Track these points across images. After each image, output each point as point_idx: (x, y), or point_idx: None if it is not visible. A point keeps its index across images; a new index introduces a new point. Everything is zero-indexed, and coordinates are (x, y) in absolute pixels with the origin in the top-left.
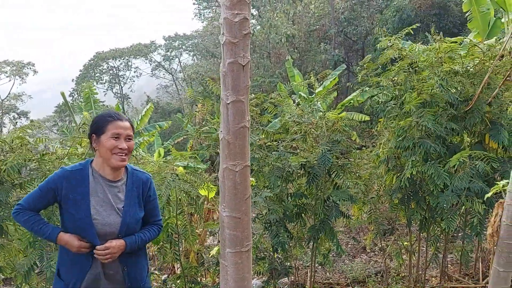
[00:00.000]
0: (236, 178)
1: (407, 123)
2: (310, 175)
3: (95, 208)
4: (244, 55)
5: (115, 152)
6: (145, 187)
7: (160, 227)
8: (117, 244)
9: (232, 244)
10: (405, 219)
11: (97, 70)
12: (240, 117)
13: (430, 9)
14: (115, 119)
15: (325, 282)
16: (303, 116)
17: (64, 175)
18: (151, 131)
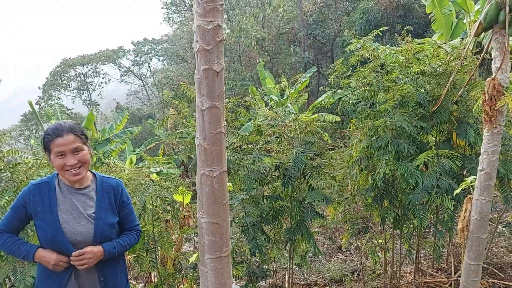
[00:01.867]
0: (213, 184)
1: (381, 123)
2: (285, 177)
3: (63, 218)
4: (218, 61)
5: (65, 169)
6: (116, 192)
7: (138, 232)
8: (93, 250)
9: (212, 250)
10: (378, 217)
11: (64, 77)
12: (216, 123)
13: (396, 11)
14: (54, 137)
15: (303, 283)
16: (277, 118)
17: (31, 189)
18: (122, 137)
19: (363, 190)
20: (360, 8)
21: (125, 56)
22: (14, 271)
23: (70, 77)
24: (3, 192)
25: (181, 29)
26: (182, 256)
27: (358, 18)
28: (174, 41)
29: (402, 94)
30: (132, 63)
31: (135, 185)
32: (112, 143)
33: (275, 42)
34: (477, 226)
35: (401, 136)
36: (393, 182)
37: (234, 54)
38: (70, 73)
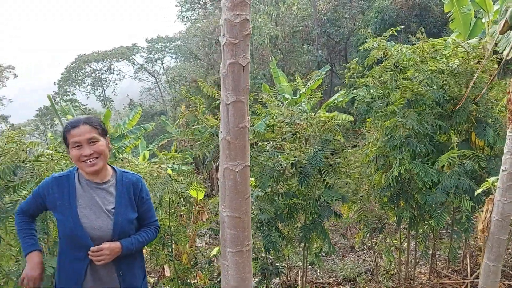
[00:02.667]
0: (236, 178)
1: (391, 123)
2: (302, 175)
3: (82, 212)
4: (244, 55)
5: (81, 160)
6: (136, 188)
7: (157, 228)
8: (111, 246)
9: (233, 244)
10: (394, 217)
11: (79, 73)
12: (240, 117)
13: (411, 10)
14: (70, 128)
15: (315, 281)
16: (293, 116)
17: (51, 181)
18: (136, 133)
19: (378, 189)
20: (375, 7)
21: (138, 53)
22: None
23: (85, 73)
24: (25, 183)
25: (194, 26)
26: (198, 251)
27: (373, 17)
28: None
29: (413, 92)
30: (145, 60)
31: (152, 179)
32: (126, 139)
33: (288, 40)
34: (498, 227)
35: (416, 135)
36: (409, 182)
37: None
38: (85, 69)
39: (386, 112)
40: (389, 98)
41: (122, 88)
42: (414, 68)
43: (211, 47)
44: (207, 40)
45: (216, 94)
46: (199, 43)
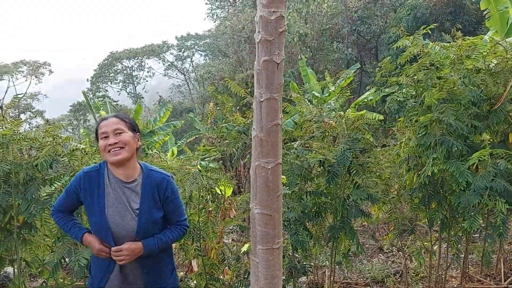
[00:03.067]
0: (268, 175)
1: (427, 119)
2: (330, 174)
3: (109, 211)
4: (279, 53)
5: (107, 150)
6: (160, 188)
7: (184, 228)
8: (131, 247)
9: (264, 241)
10: (425, 219)
11: (111, 70)
12: (273, 115)
13: (445, 7)
14: (100, 122)
15: (343, 281)
16: (322, 114)
17: (83, 176)
18: (166, 130)
19: (409, 190)
20: (408, 4)
21: (169, 51)
22: (69, 252)
23: (117, 70)
24: (60, 177)
25: (224, 24)
26: (226, 247)
27: (405, 15)
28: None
29: (449, 91)
30: (175, 57)
31: (183, 175)
32: (156, 135)
33: (317, 38)
34: None
35: (451, 135)
36: (442, 183)
37: None
38: (117, 66)
39: (420, 110)
40: (422, 97)
41: (152, 85)
42: (450, 67)
43: (240, 45)
44: (236, 37)
45: (243, 93)
46: (228, 40)
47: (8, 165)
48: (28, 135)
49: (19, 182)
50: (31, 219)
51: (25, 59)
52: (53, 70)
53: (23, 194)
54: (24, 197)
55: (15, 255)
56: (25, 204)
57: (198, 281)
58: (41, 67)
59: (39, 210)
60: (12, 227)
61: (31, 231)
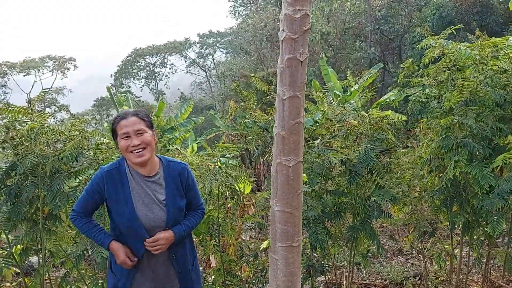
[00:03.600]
0: (289, 173)
1: (447, 121)
2: (352, 173)
3: (137, 205)
4: (303, 51)
5: (129, 151)
6: (182, 177)
7: (203, 211)
8: (165, 236)
9: (283, 239)
10: (447, 221)
11: (134, 66)
12: (296, 113)
13: (472, 7)
14: (119, 120)
15: (361, 282)
16: (344, 114)
17: (104, 175)
18: (186, 126)
19: (431, 192)
20: (433, 3)
21: (191, 48)
22: (92, 243)
23: (140, 66)
24: (85, 170)
25: (246, 22)
26: (244, 244)
27: (430, 14)
28: (238, 34)
29: (472, 92)
30: (197, 55)
31: (203, 171)
32: (177, 131)
33: (340, 37)
34: None
35: (474, 137)
36: (465, 185)
37: None
38: (140, 62)
39: (442, 111)
40: (444, 98)
41: (174, 81)
42: (474, 67)
43: (261, 43)
44: (258, 35)
45: (267, 89)
46: (250, 38)
47: (36, 157)
48: (55, 128)
49: (46, 174)
50: (56, 210)
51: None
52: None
53: (49, 186)
54: (50, 189)
55: (40, 245)
56: (50, 196)
57: (216, 277)
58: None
59: (64, 202)
60: (38, 218)
61: (56, 222)
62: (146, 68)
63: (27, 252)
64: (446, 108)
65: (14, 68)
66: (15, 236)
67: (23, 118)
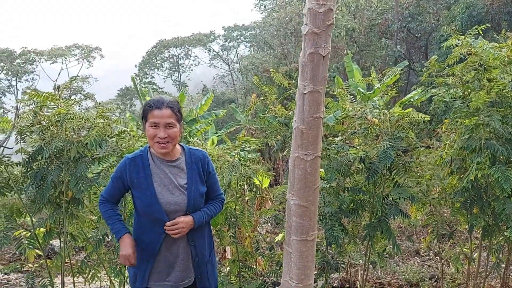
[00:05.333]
0: (307, 168)
1: (472, 122)
2: (370, 171)
3: (158, 189)
4: (325, 45)
5: (155, 140)
6: (203, 164)
7: (222, 201)
8: (185, 220)
9: (298, 232)
10: (466, 224)
11: (158, 58)
12: (316, 107)
13: (503, 6)
14: (153, 108)
15: (375, 281)
16: (365, 111)
17: (127, 162)
18: (208, 118)
19: (451, 194)
20: (463, 2)
21: (215, 41)
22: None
23: (164, 58)
24: (108, 156)
25: (271, 16)
26: (260, 237)
27: (459, 13)
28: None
29: (498, 93)
30: (221, 47)
31: (223, 162)
32: (198, 123)
33: (365, 33)
34: None
35: (499, 139)
36: (486, 188)
37: None
38: (164, 53)
39: (467, 112)
40: (469, 98)
41: (197, 74)
42: (501, 68)
43: (285, 37)
44: (282, 30)
45: (287, 84)
46: (274, 32)
47: (61, 142)
48: (81, 115)
49: (70, 159)
50: (79, 195)
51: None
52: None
53: (73, 171)
54: (73, 174)
55: (62, 228)
56: (74, 181)
57: (231, 268)
58: (92, 51)
59: (86, 187)
60: (61, 201)
61: (79, 206)
62: (169, 60)
63: (50, 235)
64: (473, 108)
65: (42, 55)
66: (39, 219)
67: (50, 104)
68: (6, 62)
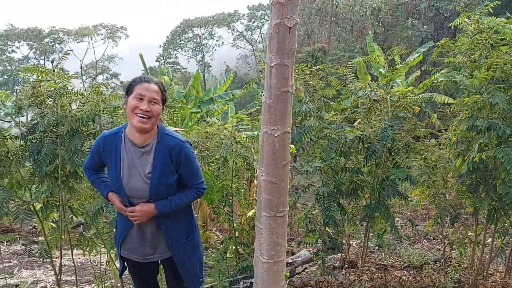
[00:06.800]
0: (275, 143)
1: (472, 100)
2: (369, 151)
3: (124, 174)
4: (291, 16)
5: (136, 112)
6: (173, 153)
7: (200, 190)
8: (143, 208)
9: (267, 208)
10: (472, 207)
11: (182, 38)
12: (283, 81)
13: None
14: (142, 81)
15: (378, 263)
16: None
17: (102, 140)
18: (225, 98)
19: (457, 176)
20: None
21: (239, 20)
22: (106, 202)
23: (188, 38)
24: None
25: None
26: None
27: None
28: None
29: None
30: (245, 27)
31: (218, 141)
32: (216, 103)
33: (392, 13)
34: None
35: (505, 120)
36: (492, 171)
37: (346, 24)
38: (188, 33)
39: (470, 90)
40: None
41: (220, 54)
42: (510, 45)
43: (309, 17)
44: (306, 9)
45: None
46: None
47: (54, 116)
48: (75, 90)
49: (64, 133)
50: (73, 168)
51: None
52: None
53: (68, 145)
54: (68, 148)
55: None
56: (68, 154)
57: (227, 244)
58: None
59: (81, 160)
60: (58, 175)
61: (77, 180)
62: (193, 40)
63: (47, 207)
64: (473, 85)
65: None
66: (36, 191)
67: (48, 78)
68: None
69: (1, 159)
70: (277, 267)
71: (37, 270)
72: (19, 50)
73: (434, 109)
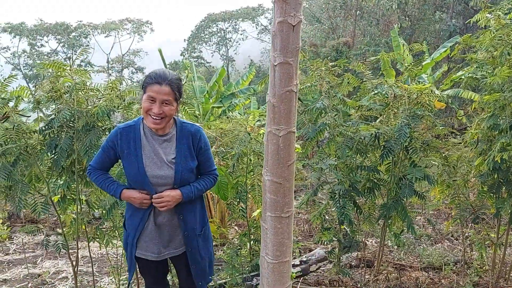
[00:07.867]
0: (279, 143)
1: (493, 98)
2: (385, 149)
3: (147, 162)
4: (295, 14)
5: (149, 113)
6: (194, 138)
7: (215, 177)
8: (171, 194)
9: (272, 209)
10: (494, 208)
11: (206, 32)
12: (288, 80)
13: None
14: (153, 82)
15: (396, 262)
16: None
17: (118, 132)
18: (246, 93)
19: (478, 176)
20: None
21: (263, 14)
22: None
23: (212, 32)
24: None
25: None
26: None
27: None
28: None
29: None
30: (269, 21)
31: (232, 136)
32: (237, 98)
33: (419, 6)
34: None
35: None
36: None
37: (372, 18)
38: (212, 27)
39: (491, 88)
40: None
41: (245, 48)
42: None
43: (334, 10)
44: (331, 3)
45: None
46: (323, 5)
47: (69, 111)
48: (95, 87)
49: (80, 128)
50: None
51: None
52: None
53: (84, 140)
54: (83, 143)
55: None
56: (83, 149)
57: (242, 241)
58: (143, 25)
59: None
60: (75, 169)
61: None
62: (217, 34)
63: (64, 201)
64: (494, 83)
65: (96, 29)
66: (54, 185)
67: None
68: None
69: (20, 153)
70: (282, 268)
71: (59, 261)
72: (48, 44)
73: (461, 105)
